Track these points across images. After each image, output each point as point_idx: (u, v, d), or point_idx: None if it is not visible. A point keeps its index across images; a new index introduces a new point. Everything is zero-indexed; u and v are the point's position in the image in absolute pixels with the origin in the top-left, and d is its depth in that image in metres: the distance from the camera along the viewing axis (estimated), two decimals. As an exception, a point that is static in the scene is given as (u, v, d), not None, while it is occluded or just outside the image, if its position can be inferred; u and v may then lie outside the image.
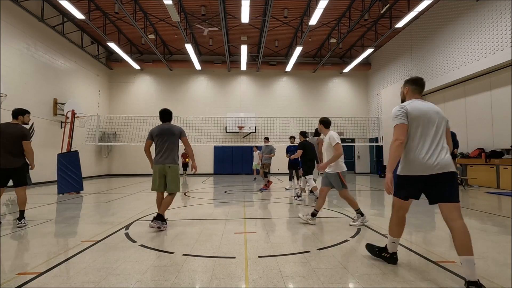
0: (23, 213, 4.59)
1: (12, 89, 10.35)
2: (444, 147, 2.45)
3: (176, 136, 4.33)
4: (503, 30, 9.36)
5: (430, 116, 2.49)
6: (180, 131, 4.40)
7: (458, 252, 2.26)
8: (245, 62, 17.09)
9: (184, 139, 4.42)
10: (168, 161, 4.25)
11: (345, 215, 5.24)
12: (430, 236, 3.87)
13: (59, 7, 12.47)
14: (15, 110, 4.79)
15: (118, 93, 18.56)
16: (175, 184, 4.31)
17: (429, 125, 2.47)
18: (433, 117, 2.49)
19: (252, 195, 8.27)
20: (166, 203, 4.30)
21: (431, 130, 2.46)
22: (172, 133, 4.30)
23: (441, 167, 2.37)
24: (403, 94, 2.86)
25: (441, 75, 12.21)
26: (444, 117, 2.55)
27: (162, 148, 4.27)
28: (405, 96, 2.83)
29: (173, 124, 4.48)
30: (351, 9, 12.93)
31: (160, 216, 4.18)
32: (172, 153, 4.29)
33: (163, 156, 4.25)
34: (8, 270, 2.73)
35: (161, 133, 4.29)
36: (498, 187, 9.29)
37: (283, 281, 2.44)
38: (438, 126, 2.48)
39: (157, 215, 4.20)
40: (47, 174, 11.90)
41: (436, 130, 2.46)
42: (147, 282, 2.44)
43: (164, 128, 4.34)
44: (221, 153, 18.47)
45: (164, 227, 4.21)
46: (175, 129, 4.36)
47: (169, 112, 4.51)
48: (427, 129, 2.47)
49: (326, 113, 18.34)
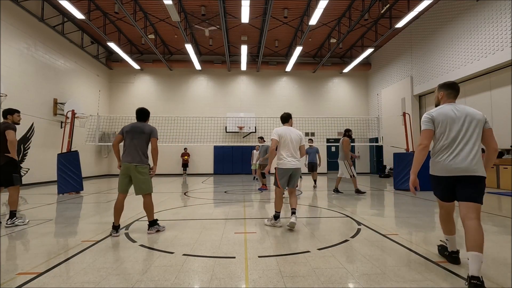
0: (13, 213, 4.54)
1: (12, 89, 10.35)
2: (472, 150, 2.48)
3: (145, 135, 4.10)
4: (503, 30, 9.36)
5: (459, 120, 2.56)
6: (151, 130, 4.16)
7: (468, 248, 2.28)
8: (245, 62, 17.09)
9: (153, 140, 4.15)
10: (135, 161, 4.01)
11: (345, 215, 5.24)
12: (430, 236, 3.87)
13: (59, 7, 12.47)
14: (4, 110, 4.79)
15: (118, 93, 18.55)
16: (146, 184, 4.07)
17: (455, 129, 2.55)
18: (462, 121, 2.55)
19: (252, 195, 8.27)
20: (147, 207, 4.11)
21: (457, 134, 2.54)
22: (142, 131, 4.09)
23: (462, 170, 2.46)
24: (438, 98, 2.88)
25: (441, 75, 12.21)
26: (481, 119, 2.57)
27: (130, 146, 4.05)
28: (439, 101, 2.85)
29: (148, 124, 4.29)
30: (351, 9, 12.93)
31: (153, 222, 4.14)
32: (139, 152, 4.04)
33: (129, 155, 4.03)
34: (8, 270, 2.73)
35: (132, 130, 4.09)
36: (498, 187, 9.29)
37: (283, 281, 2.44)
38: (467, 129, 2.53)
39: (149, 222, 4.13)
40: (47, 174, 11.91)
41: (464, 134, 2.52)
42: (147, 282, 2.44)
43: (136, 125, 4.15)
44: (221, 153, 18.46)
45: (162, 228, 4.21)
46: (146, 128, 4.13)
47: (146, 111, 4.34)
48: (453, 132, 2.55)
49: (326, 113, 18.37)
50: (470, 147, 2.49)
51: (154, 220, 4.17)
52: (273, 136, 4.38)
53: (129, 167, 4.00)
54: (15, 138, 4.57)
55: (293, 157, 4.33)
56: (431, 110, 2.71)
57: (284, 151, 4.34)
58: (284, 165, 4.31)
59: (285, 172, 4.33)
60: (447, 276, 2.52)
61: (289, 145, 4.33)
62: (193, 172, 18.04)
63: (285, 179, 4.36)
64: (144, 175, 4.05)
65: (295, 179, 4.42)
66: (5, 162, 4.50)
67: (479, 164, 2.47)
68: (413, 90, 14.28)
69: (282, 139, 4.34)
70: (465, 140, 2.51)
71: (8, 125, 4.57)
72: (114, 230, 3.95)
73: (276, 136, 4.35)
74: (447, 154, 2.54)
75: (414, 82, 14.22)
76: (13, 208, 4.55)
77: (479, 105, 10.78)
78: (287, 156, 4.31)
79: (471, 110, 2.62)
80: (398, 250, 3.27)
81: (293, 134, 4.40)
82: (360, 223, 4.60)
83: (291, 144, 4.34)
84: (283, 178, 4.35)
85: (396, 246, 3.39)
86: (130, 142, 4.06)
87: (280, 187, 4.38)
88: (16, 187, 4.62)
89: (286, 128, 4.46)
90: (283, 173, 4.34)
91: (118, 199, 4.07)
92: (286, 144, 4.33)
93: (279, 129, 4.42)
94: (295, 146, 4.37)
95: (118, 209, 4.03)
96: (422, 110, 14.31)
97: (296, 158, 4.36)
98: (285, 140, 4.33)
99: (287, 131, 4.39)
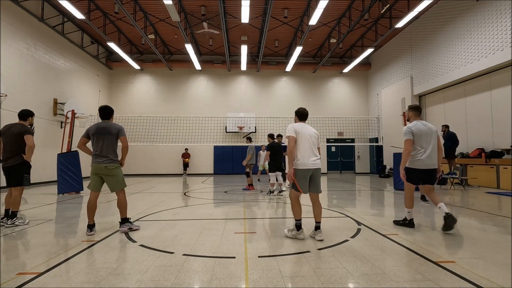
0: (14, 214, 4.57)
1: (12, 89, 10.35)
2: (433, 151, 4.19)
3: (113, 136, 4.11)
4: (503, 30, 9.36)
5: (426, 133, 4.20)
6: (118, 129, 4.14)
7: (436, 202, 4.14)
8: (245, 62, 17.08)
9: (123, 138, 4.18)
10: (105, 162, 4.04)
11: (345, 215, 5.24)
12: (430, 236, 3.87)
13: (59, 7, 12.47)
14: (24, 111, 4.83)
15: (118, 93, 18.55)
16: (118, 181, 4.14)
17: (424, 138, 4.19)
18: (429, 133, 4.21)
19: (252, 195, 8.27)
20: (120, 205, 4.18)
21: (427, 142, 4.19)
22: (109, 132, 4.08)
23: (431, 165, 4.20)
24: (408, 116, 4.50)
25: (441, 75, 12.21)
26: (435, 130, 4.27)
27: (97, 147, 4.06)
28: (409, 118, 4.47)
29: (113, 122, 4.27)
30: (351, 9, 12.93)
31: (124, 220, 4.19)
32: (108, 152, 4.07)
33: (99, 157, 4.05)
34: (8, 270, 2.74)
35: (98, 132, 4.07)
36: (498, 187, 9.29)
37: (283, 281, 2.44)
38: (431, 138, 4.21)
39: (121, 219, 4.18)
40: (47, 174, 11.92)
41: (429, 141, 4.20)
42: (147, 282, 2.44)
43: (101, 126, 4.10)
44: (221, 153, 18.46)
45: (135, 226, 4.26)
46: (113, 128, 4.12)
47: (109, 109, 4.28)
48: (423, 140, 4.19)
49: (326, 113, 18.36)
50: (431, 149, 4.17)
51: (126, 218, 4.22)
52: (289, 133, 3.76)
53: (99, 167, 4.04)
54: (34, 143, 4.69)
55: (313, 155, 3.74)
56: (410, 125, 4.27)
57: (303, 148, 3.73)
58: (304, 165, 3.70)
59: (306, 173, 3.72)
60: (447, 276, 2.52)
61: (309, 141, 3.75)
62: (193, 172, 18.04)
63: (306, 182, 3.74)
64: (115, 174, 4.11)
65: (317, 181, 3.81)
66: (20, 162, 4.61)
67: (436, 160, 4.22)
68: (413, 90, 14.28)
69: (299, 135, 3.75)
70: (430, 145, 4.17)
71: (27, 129, 4.65)
72: (89, 229, 4.01)
73: (293, 132, 3.75)
74: (422, 154, 4.15)
75: (414, 82, 14.22)
76: (15, 209, 4.58)
77: (479, 105, 10.79)
78: (307, 154, 3.71)
79: (430, 124, 4.29)
80: (398, 250, 3.27)
81: (311, 131, 3.87)
82: (360, 223, 4.61)
83: (310, 140, 3.77)
84: (303, 180, 3.72)
85: (396, 246, 3.40)
86: (98, 143, 4.07)
87: (301, 191, 3.74)
88: (21, 188, 4.66)
89: (303, 124, 3.93)
90: (303, 174, 3.72)
91: (91, 198, 4.08)
92: (305, 141, 3.74)
93: (296, 125, 3.85)
94: (315, 142, 3.81)
95: (91, 208, 4.04)
96: (422, 110, 14.28)
97: (317, 157, 3.78)
98: (303, 135, 3.75)
99: (305, 127, 3.85)
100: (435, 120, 13.36)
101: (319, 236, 3.66)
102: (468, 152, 10.90)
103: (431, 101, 13.68)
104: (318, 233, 3.69)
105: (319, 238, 3.64)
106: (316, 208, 3.83)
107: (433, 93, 13.36)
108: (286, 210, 5.92)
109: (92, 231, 4.01)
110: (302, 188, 3.73)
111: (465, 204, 6.55)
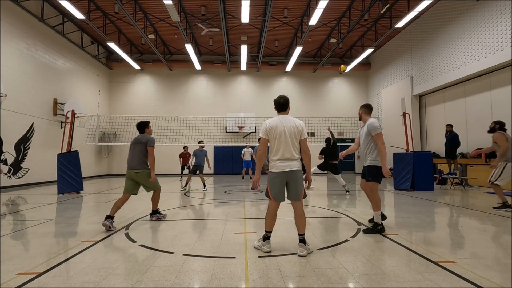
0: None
1: (12, 89, 10.36)
2: None
3: (142, 145, 4.70)
4: (503, 30, 9.36)
5: None
6: (147, 140, 4.71)
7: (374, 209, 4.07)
8: (245, 62, 17.08)
9: (149, 148, 4.71)
10: (135, 168, 4.63)
11: (345, 215, 5.24)
12: (430, 236, 3.87)
13: (59, 7, 12.46)
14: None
15: (118, 93, 18.55)
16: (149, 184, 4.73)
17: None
18: None
19: (252, 195, 8.27)
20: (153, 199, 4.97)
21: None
22: (140, 142, 4.71)
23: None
24: (360, 114, 4.33)
25: (441, 75, 12.21)
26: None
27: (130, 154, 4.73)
28: (360, 116, 4.32)
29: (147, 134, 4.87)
30: (351, 9, 12.93)
31: (155, 212, 4.99)
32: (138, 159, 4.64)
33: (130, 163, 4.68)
34: (8, 270, 2.73)
35: (133, 142, 4.78)
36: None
37: (283, 281, 2.44)
38: None
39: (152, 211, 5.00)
40: (47, 174, 11.91)
41: None
42: (147, 282, 2.44)
43: (136, 138, 4.82)
44: (221, 153, 18.47)
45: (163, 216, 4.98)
46: (144, 139, 4.73)
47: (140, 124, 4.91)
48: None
49: (326, 113, 18.36)
50: None
51: (156, 210, 4.98)
52: (260, 134, 3.28)
53: (131, 173, 4.63)
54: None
55: (289, 155, 3.15)
56: (376, 121, 4.13)
57: (276, 148, 3.19)
58: (276, 168, 3.18)
59: (278, 177, 3.17)
60: (447, 276, 2.52)
61: (284, 139, 3.16)
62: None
63: (280, 188, 3.19)
64: (145, 179, 4.66)
65: (296, 186, 3.18)
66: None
67: None
68: (413, 90, 14.28)
69: (272, 133, 3.20)
70: None
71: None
72: (110, 219, 4.27)
73: (264, 133, 3.24)
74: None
75: (414, 82, 14.22)
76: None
77: (479, 105, 10.78)
78: (280, 155, 3.17)
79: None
80: (398, 250, 3.27)
81: (289, 124, 3.21)
82: (360, 223, 4.60)
83: (284, 138, 3.16)
84: (276, 186, 3.19)
85: (396, 246, 3.40)
86: (131, 151, 4.75)
87: (272, 199, 3.23)
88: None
89: (280, 118, 3.27)
90: (276, 179, 3.19)
91: (121, 198, 4.55)
92: (279, 139, 3.17)
93: (269, 122, 3.25)
94: (292, 140, 3.18)
95: (118, 205, 4.45)
96: (422, 110, 14.31)
97: (293, 158, 3.17)
98: (277, 133, 3.18)
99: (281, 121, 3.22)
100: (435, 120, 13.38)
101: (302, 250, 3.04)
102: (468, 152, 10.89)
103: (431, 101, 13.68)
104: (301, 246, 3.08)
105: (301, 253, 3.03)
106: (297, 218, 3.19)
107: (433, 93, 13.36)
108: (286, 210, 5.92)
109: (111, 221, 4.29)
110: (274, 196, 3.20)
111: (465, 204, 6.55)
